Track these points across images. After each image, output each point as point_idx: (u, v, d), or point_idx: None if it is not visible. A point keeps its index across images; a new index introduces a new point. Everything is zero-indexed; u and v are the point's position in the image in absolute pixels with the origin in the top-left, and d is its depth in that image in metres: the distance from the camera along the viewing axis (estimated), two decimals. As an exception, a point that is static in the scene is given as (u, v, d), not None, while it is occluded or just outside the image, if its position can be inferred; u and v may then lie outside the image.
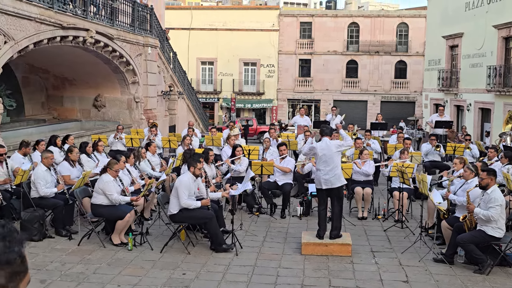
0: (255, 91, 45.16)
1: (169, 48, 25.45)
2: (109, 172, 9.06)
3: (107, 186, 8.89)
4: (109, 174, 9.05)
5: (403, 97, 44.11)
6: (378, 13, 45.88)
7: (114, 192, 8.92)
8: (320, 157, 8.97)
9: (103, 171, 9.23)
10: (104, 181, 8.98)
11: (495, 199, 7.80)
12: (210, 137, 15.53)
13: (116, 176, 9.15)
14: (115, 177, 9.12)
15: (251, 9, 49.60)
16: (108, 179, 8.98)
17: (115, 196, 8.88)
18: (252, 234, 9.98)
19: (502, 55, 23.88)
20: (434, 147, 14.71)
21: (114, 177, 9.09)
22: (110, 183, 8.94)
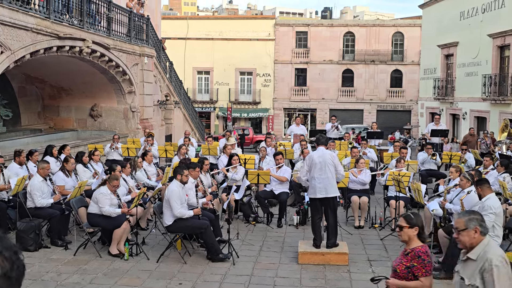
0: (251, 101, 45.23)
1: (165, 58, 25.49)
2: (108, 186, 9.06)
3: (101, 198, 8.89)
4: (107, 187, 9.05)
5: (399, 106, 44.25)
6: (373, 23, 46.11)
7: (106, 205, 8.90)
8: (316, 164, 8.99)
9: (103, 183, 9.22)
10: (100, 192, 8.99)
11: (489, 207, 7.80)
12: (207, 146, 15.54)
13: (114, 191, 9.15)
14: (113, 191, 9.11)
15: (247, 19, 49.78)
16: (104, 191, 8.98)
17: (106, 208, 8.87)
18: (248, 244, 9.96)
19: (497, 64, 24.02)
20: (430, 156, 14.75)
21: (112, 191, 9.09)
22: (105, 196, 8.93)
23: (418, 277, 4.96)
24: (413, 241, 5.08)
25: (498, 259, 4.31)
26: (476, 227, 4.44)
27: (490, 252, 4.36)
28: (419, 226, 5.09)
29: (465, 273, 4.50)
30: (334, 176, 9.05)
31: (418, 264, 4.96)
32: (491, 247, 4.44)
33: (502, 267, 4.28)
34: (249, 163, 13.27)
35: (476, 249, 4.45)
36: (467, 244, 4.51)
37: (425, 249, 5.05)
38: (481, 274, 4.33)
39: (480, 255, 4.39)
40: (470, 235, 4.46)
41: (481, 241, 4.47)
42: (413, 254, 5.01)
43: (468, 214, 4.59)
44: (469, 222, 4.48)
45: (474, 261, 4.41)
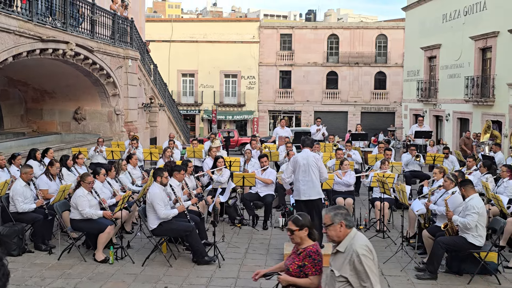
0: (236, 103, 45.23)
1: (149, 60, 25.41)
2: (83, 185, 8.96)
3: (79, 201, 8.76)
4: (83, 187, 8.95)
5: (383, 107, 44.54)
6: (357, 25, 46.36)
7: (85, 207, 8.77)
8: (300, 166, 9.03)
9: (77, 186, 9.10)
10: (77, 195, 8.85)
11: (472, 207, 7.90)
12: (192, 149, 15.51)
13: (90, 189, 9.03)
14: (89, 190, 9.00)
15: (232, 21, 49.81)
16: (81, 193, 8.86)
17: (86, 210, 8.76)
18: (234, 246, 9.96)
19: (479, 65, 24.29)
20: (414, 157, 14.86)
21: (88, 190, 8.97)
22: (82, 198, 8.79)
23: (308, 275, 5.07)
24: (305, 241, 5.18)
25: (363, 248, 4.53)
26: (342, 222, 4.66)
27: (356, 243, 4.57)
28: (308, 226, 5.20)
29: (335, 266, 4.70)
30: (318, 179, 9.08)
31: (309, 263, 5.07)
32: (357, 238, 4.64)
33: (367, 255, 4.51)
34: (234, 165, 13.27)
35: (343, 242, 4.67)
36: (335, 238, 4.74)
37: (315, 248, 5.16)
38: (350, 266, 4.53)
39: (348, 247, 4.61)
40: (336, 229, 4.68)
41: (348, 234, 4.69)
42: (304, 253, 5.11)
43: (334, 210, 4.77)
44: (334, 217, 4.69)
45: (343, 253, 4.64)
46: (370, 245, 4.66)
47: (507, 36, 21.58)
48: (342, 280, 4.61)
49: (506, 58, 21.85)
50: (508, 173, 11.02)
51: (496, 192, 10.61)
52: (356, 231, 4.75)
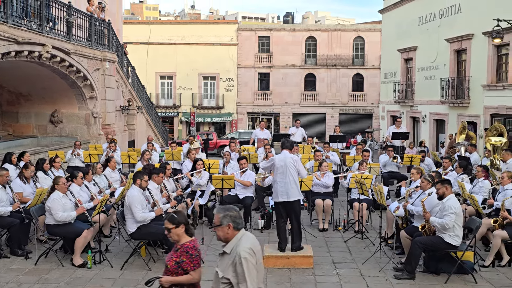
0: (214, 105, 45.18)
1: (127, 63, 25.23)
2: (58, 188, 8.86)
3: (53, 204, 8.65)
4: (58, 190, 8.85)
5: (360, 109, 44.91)
6: (334, 27, 46.69)
7: (59, 210, 8.68)
8: (278, 168, 9.07)
9: (52, 190, 8.99)
10: (51, 199, 8.75)
11: (449, 207, 8.01)
12: (170, 152, 15.44)
13: (65, 190, 8.95)
14: (64, 192, 8.91)
15: (210, 24, 49.79)
16: (56, 196, 8.77)
17: (60, 214, 8.65)
18: (214, 249, 9.93)
19: (454, 67, 24.64)
20: (391, 158, 15.00)
21: (63, 192, 8.88)
22: (57, 201, 8.70)
23: (187, 271, 5.13)
24: (182, 238, 5.24)
25: (246, 251, 4.58)
26: (230, 224, 4.72)
27: (241, 246, 4.63)
28: (184, 223, 5.26)
29: (220, 267, 4.75)
30: (296, 180, 9.11)
31: (187, 259, 5.13)
32: (242, 240, 4.69)
33: (250, 258, 4.56)
34: (213, 168, 13.25)
35: (230, 243, 4.73)
36: (222, 238, 4.79)
37: (193, 244, 5.22)
38: (233, 267, 4.59)
39: (233, 249, 4.66)
40: (224, 231, 4.74)
41: (235, 235, 4.74)
42: (182, 250, 5.17)
43: (223, 211, 4.81)
44: (223, 219, 4.74)
45: (228, 255, 4.68)
46: (256, 247, 4.70)
47: (481, 39, 21.93)
48: (225, 282, 4.65)
49: (480, 60, 22.19)
50: (483, 173, 11.19)
51: (472, 192, 10.77)
52: (244, 233, 4.78)
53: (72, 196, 9.11)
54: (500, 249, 8.91)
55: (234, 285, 4.60)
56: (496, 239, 8.87)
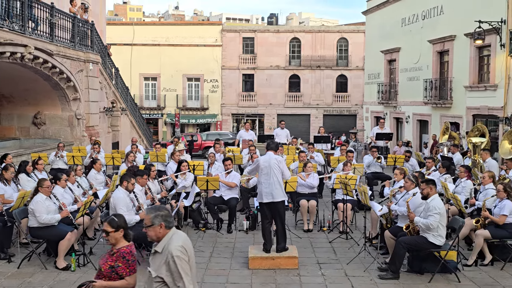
0: (199, 106, 45.09)
1: (111, 64, 25.09)
2: (41, 190, 8.79)
3: (37, 206, 8.58)
4: (41, 193, 8.78)
5: (344, 110, 45.12)
6: (318, 29, 46.87)
7: (43, 213, 8.61)
8: (262, 169, 9.10)
9: (35, 192, 8.91)
10: (35, 201, 8.68)
11: (434, 207, 8.09)
12: (155, 153, 15.38)
13: (49, 193, 8.88)
14: (48, 194, 8.84)
15: (194, 25, 49.70)
16: (39, 198, 8.70)
17: (44, 217, 8.58)
18: (199, 250, 9.92)
19: (437, 68, 24.85)
20: (375, 159, 15.09)
21: (47, 194, 8.82)
22: (40, 203, 8.63)
23: (122, 276, 5.12)
24: (120, 242, 5.23)
25: (178, 249, 4.62)
26: (161, 223, 4.74)
27: (172, 244, 4.65)
28: (123, 227, 5.26)
29: (153, 266, 4.75)
30: (280, 181, 9.13)
31: (122, 264, 5.13)
32: (173, 239, 4.72)
33: (182, 256, 4.61)
34: (198, 169, 13.22)
35: (161, 242, 4.75)
36: (154, 238, 4.78)
37: (129, 249, 5.22)
38: (166, 266, 4.61)
39: (165, 248, 4.69)
40: (156, 230, 4.75)
41: (166, 234, 4.76)
42: (118, 254, 5.16)
43: (154, 211, 4.83)
44: (154, 219, 4.76)
45: (160, 254, 4.69)
46: (187, 245, 4.73)
47: (464, 40, 22.15)
48: (158, 281, 4.66)
49: (462, 61, 22.41)
50: (466, 174, 11.32)
51: (455, 192, 10.88)
52: (174, 231, 4.81)
53: (56, 200, 9.04)
54: (482, 248, 9.01)
55: (168, 283, 4.62)
56: (479, 239, 8.96)
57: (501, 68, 19.74)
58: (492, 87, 20.37)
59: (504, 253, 9.05)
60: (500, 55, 19.78)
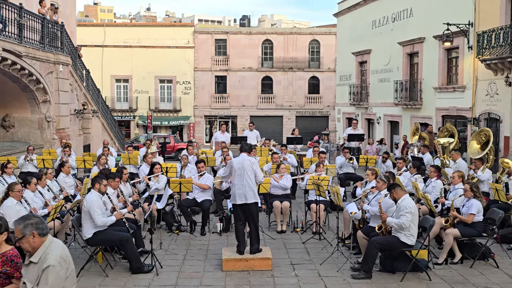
0: (171, 108, 44.86)
1: (81, 66, 24.81)
2: (12, 195, 8.64)
3: (7, 211, 8.39)
4: (12, 197, 8.62)
5: (317, 111, 45.43)
6: (290, 31, 47.11)
7: (13, 217, 8.39)
8: (235, 170, 9.10)
9: (5, 196, 8.75)
10: (5, 206, 8.51)
11: (405, 207, 8.22)
12: (127, 156, 15.25)
13: (20, 198, 8.73)
14: (19, 199, 8.69)
15: (166, 26, 49.46)
16: (10, 203, 8.53)
17: (13, 222, 8.40)
18: (172, 253, 9.87)
19: (407, 70, 25.22)
20: (347, 160, 15.23)
21: (18, 199, 8.66)
22: (11, 208, 8.46)
23: (12, 280, 4.94)
24: (2, 246, 5.04)
25: (56, 259, 4.41)
26: (33, 232, 4.50)
27: (50, 254, 4.44)
28: (6, 230, 5.08)
29: (28, 277, 4.48)
30: (254, 182, 9.14)
31: (11, 268, 4.94)
32: (52, 248, 4.51)
33: (58, 266, 4.40)
34: (170, 171, 13.16)
35: (37, 252, 4.50)
36: (30, 250, 4.52)
37: (15, 252, 5.04)
38: (44, 277, 4.37)
39: (41, 258, 4.46)
40: (29, 241, 4.51)
41: (43, 243, 4.52)
42: (4, 259, 4.96)
43: (22, 221, 4.59)
44: (25, 229, 4.52)
45: (36, 264, 4.45)
46: (66, 256, 4.51)
47: (433, 42, 22.53)
48: None
49: (431, 63, 22.80)
50: (436, 173, 11.51)
51: (425, 191, 11.05)
52: (51, 239, 4.56)
53: (27, 204, 8.88)
54: (452, 246, 9.17)
55: None
56: (449, 237, 9.12)
57: (469, 69, 20.15)
58: (461, 88, 20.77)
59: (473, 251, 9.23)
60: (468, 57, 20.19)
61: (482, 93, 19.49)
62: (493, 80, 18.71)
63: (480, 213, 9.18)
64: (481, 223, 9.25)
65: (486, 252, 9.27)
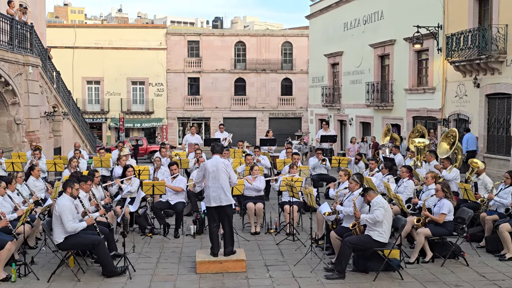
0: (144, 110, 44.55)
1: (52, 67, 24.44)
2: None
3: None
4: None
5: (290, 113, 45.64)
6: (263, 32, 47.25)
7: None
8: (210, 173, 9.06)
9: None
10: None
11: (377, 203, 8.39)
12: (99, 159, 15.08)
13: None
14: None
15: (138, 28, 49.05)
16: None
17: None
18: (145, 256, 9.80)
19: (378, 72, 25.51)
20: (320, 161, 15.32)
21: None
22: None
23: None
24: None
25: None
26: None
27: None
28: None
29: None
30: (228, 184, 9.14)
31: None
32: None
33: None
34: (143, 174, 13.06)
35: None
36: None
37: None
38: None
39: None
40: None
41: None
42: None
43: None
44: None
45: None
46: None
47: (403, 44, 22.85)
48: None
49: (402, 65, 23.12)
50: (407, 174, 11.67)
51: (397, 192, 11.19)
52: None
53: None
54: (424, 246, 9.31)
55: None
56: (420, 237, 9.25)
57: (439, 71, 20.49)
58: (431, 89, 21.10)
59: (443, 250, 9.39)
60: (438, 59, 20.53)
61: (451, 94, 19.83)
62: (462, 81, 19.06)
63: (451, 212, 9.35)
64: (452, 222, 9.42)
65: (456, 251, 9.43)
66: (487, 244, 10.12)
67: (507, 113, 16.96)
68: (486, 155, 17.66)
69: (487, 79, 17.67)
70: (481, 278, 8.54)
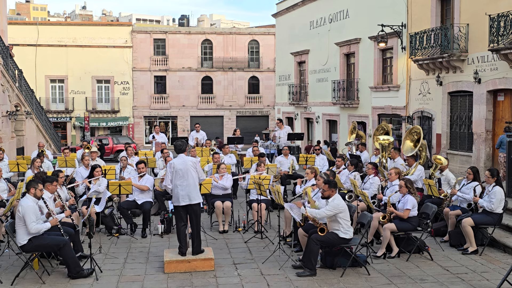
0: (109, 109, 43.99)
1: (13, 66, 23.93)
2: None
3: None
4: None
5: (257, 111, 45.73)
6: (230, 31, 47.19)
7: None
8: (178, 171, 9.01)
9: None
10: None
11: (334, 207, 8.51)
12: (63, 158, 14.83)
13: None
14: None
15: (103, 25, 48.37)
16: None
17: None
18: (112, 257, 9.69)
19: (344, 70, 25.76)
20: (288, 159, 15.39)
21: None
22: None
23: None
24: None
25: None
26: None
27: None
28: None
29: None
30: (196, 183, 9.12)
31: None
32: None
33: None
34: (109, 173, 12.90)
35: None
36: None
37: None
38: None
39: None
40: None
41: None
42: None
43: None
44: None
45: None
46: None
47: (368, 43, 23.12)
48: None
49: (367, 63, 23.40)
50: (373, 170, 11.84)
51: (363, 188, 11.35)
52: None
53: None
54: (390, 241, 9.47)
55: None
56: (386, 232, 9.41)
57: (403, 69, 20.81)
58: (395, 87, 21.41)
59: (409, 245, 9.57)
60: (402, 57, 20.84)
61: (415, 92, 20.17)
62: (425, 79, 19.41)
63: (415, 208, 9.53)
64: (416, 217, 9.61)
65: (421, 246, 9.63)
66: (450, 239, 10.36)
67: (469, 111, 17.35)
68: (449, 152, 18.04)
69: (450, 77, 18.04)
70: (445, 272, 8.73)
